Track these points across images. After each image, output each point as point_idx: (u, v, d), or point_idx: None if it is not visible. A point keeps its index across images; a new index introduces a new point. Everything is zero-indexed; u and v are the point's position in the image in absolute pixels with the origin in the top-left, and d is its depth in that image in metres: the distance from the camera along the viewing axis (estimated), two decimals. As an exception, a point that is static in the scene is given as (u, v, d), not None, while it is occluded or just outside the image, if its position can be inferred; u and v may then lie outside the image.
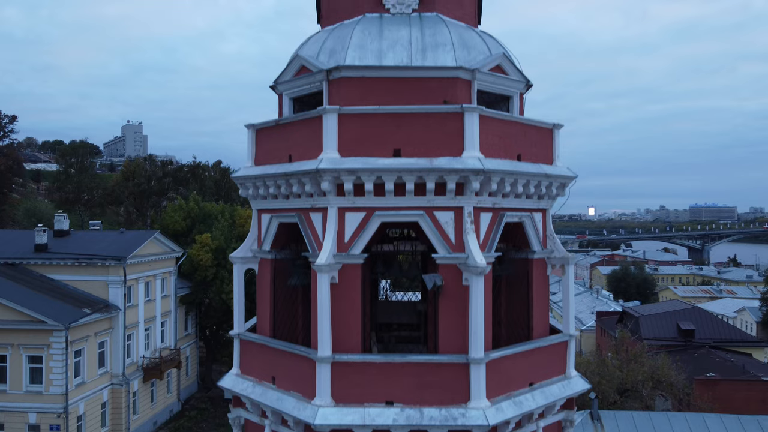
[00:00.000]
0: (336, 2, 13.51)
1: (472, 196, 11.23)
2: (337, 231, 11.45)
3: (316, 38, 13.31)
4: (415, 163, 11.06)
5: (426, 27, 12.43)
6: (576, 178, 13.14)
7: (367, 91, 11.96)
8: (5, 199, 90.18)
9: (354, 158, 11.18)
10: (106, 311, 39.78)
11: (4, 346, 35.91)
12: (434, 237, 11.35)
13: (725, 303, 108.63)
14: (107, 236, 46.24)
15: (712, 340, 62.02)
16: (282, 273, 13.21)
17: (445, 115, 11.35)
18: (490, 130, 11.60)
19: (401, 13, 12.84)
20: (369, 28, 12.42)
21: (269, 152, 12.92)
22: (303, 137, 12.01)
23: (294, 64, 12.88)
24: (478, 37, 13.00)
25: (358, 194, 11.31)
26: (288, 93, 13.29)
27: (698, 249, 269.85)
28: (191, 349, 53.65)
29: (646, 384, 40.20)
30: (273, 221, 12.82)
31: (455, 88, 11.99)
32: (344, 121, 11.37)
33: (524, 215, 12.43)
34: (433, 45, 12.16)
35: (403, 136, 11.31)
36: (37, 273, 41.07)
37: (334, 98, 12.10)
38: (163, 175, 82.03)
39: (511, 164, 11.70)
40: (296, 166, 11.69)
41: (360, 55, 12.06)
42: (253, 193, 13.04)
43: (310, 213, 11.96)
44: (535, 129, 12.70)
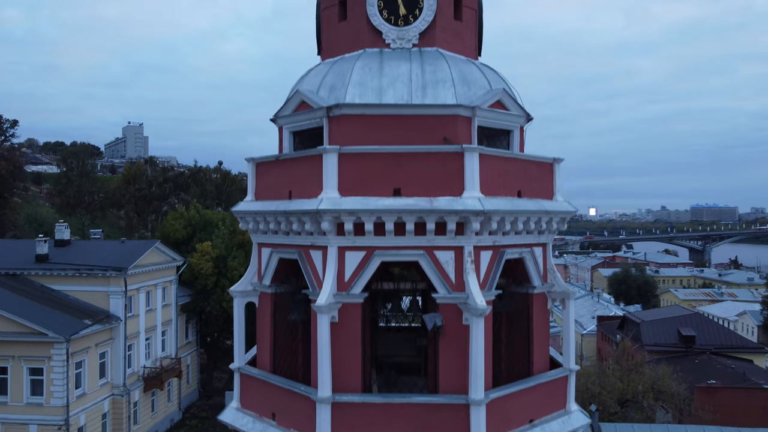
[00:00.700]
0: (336, 36, 13.50)
1: (472, 235, 11.23)
2: (337, 270, 11.46)
3: (317, 72, 13.31)
4: (415, 203, 11.06)
5: (426, 63, 12.42)
6: (576, 212, 13.13)
7: (368, 128, 11.97)
8: (6, 204, 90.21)
9: (354, 198, 11.18)
10: (106, 322, 39.80)
11: (5, 358, 35.93)
12: (434, 276, 11.36)
13: (726, 306, 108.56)
14: (108, 246, 46.31)
15: (713, 346, 61.96)
16: (282, 307, 13.22)
17: (445, 155, 11.35)
18: (490, 168, 11.59)
19: (401, 48, 12.83)
20: (369, 64, 12.41)
21: (269, 187, 12.93)
22: (303, 174, 12.01)
23: (294, 99, 12.89)
24: (479, 71, 12.99)
25: (358, 233, 11.32)
26: (288, 127, 13.30)
27: (699, 250, 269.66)
28: (192, 357, 53.69)
29: (647, 395, 40.17)
30: (273, 256, 12.82)
31: (455, 125, 11.99)
32: (344, 160, 11.38)
33: (524, 251, 12.42)
34: (434, 81, 12.15)
35: (404, 176, 11.32)
36: (37, 283, 41.11)
37: (335, 135, 12.11)
38: (164, 180, 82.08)
39: (511, 203, 11.70)
40: (296, 204, 11.69)
41: (360, 92, 12.06)
42: (254, 227, 13.05)
43: (310, 250, 11.96)
44: (535, 164, 12.70)
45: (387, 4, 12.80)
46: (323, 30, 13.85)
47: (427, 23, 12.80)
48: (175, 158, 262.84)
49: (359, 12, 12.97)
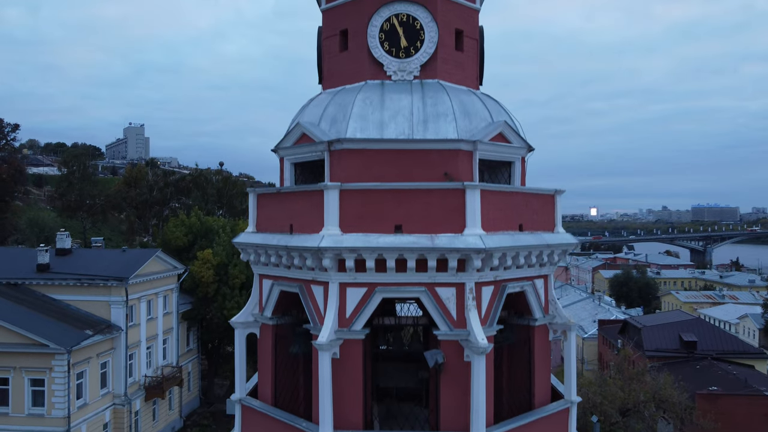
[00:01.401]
0: (337, 66, 13.48)
1: (473, 272, 11.21)
2: (338, 306, 11.44)
3: (318, 102, 13.29)
4: (417, 241, 11.05)
5: (427, 96, 12.40)
6: (578, 244, 13.11)
7: (369, 162, 11.96)
8: (8, 208, 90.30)
9: (355, 236, 11.17)
10: (108, 332, 39.83)
11: (7, 369, 35.97)
12: (436, 313, 11.34)
13: (727, 309, 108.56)
14: (109, 255, 46.30)
15: (715, 352, 61.92)
16: (283, 339, 13.20)
17: (446, 191, 11.33)
18: (491, 203, 11.58)
19: (403, 80, 12.81)
20: (371, 96, 12.38)
21: (270, 219, 12.92)
22: (304, 208, 12.00)
23: (295, 132, 12.87)
24: (480, 102, 12.97)
25: (359, 270, 11.31)
26: (289, 158, 13.28)
27: (700, 251, 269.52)
28: (193, 365, 53.72)
29: (649, 405, 40.15)
30: (275, 288, 12.80)
31: (457, 159, 11.98)
32: (346, 196, 11.36)
33: (526, 284, 12.40)
34: (435, 115, 12.13)
35: (405, 213, 11.30)
36: (39, 293, 41.14)
37: (336, 169, 12.10)
38: (165, 184, 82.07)
39: (512, 238, 11.68)
40: (297, 240, 11.67)
41: (362, 126, 12.04)
42: (254, 259, 13.03)
43: (311, 285, 11.95)
44: (536, 197, 12.68)
45: (388, 36, 12.78)
46: (324, 59, 13.83)
47: (428, 55, 12.78)
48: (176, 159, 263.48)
49: (360, 43, 12.95)
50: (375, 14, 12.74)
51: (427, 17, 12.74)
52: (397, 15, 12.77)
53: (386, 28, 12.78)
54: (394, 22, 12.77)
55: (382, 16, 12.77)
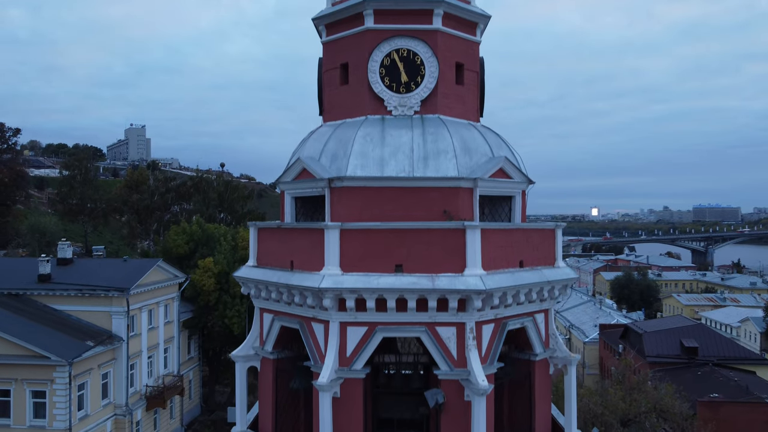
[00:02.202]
0: (338, 99, 13.48)
1: (474, 311, 11.22)
2: (339, 345, 11.46)
3: (318, 136, 13.29)
4: (417, 282, 11.06)
5: (428, 132, 12.39)
6: (578, 278, 13.10)
7: (369, 199, 11.97)
8: (9, 212, 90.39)
9: (356, 276, 11.18)
10: (109, 343, 39.83)
11: (8, 381, 35.98)
12: (436, 352, 11.35)
13: (729, 312, 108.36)
14: (110, 264, 46.32)
15: (716, 358, 61.84)
16: (284, 372, 13.21)
17: (446, 231, 11.33)
18: (492, 241, 11.58)
19: (403, 115, 12.80)
20: (371, 133, 12.38)
21: (271, 253, 12.93)
22: (305, 245, 12.01)
23: (296, 167, 12.87)
24: (480, 136, 12.97)
25: (360, 309, 11.33)
26: (290, 193, 13.29)
27: (702, 251, 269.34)
28: (194, 372, 53.74)
29: (650, 415, 40.08)
30: (275, 323, 12.82)
31: (457, 197, 11.98)
32: (346, 236, 11.38)
33: (526, 320, 12.41)
34: (435, 152, 12.13)
35: (405, 252, 11.31)
36: (40, 303, 41.14)
37: (336, 206, 12.11)
38: (166, 190, 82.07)
39: (513, 277, 11.68)
40: (298, 279, 11.68)
41: (362, 163, 12.04)
42: (255, 293, 13.05)
43: (312, 322, 11.96)
44: (536, 232, 12.67)
45: (389, 71, 12.77)
46: (325, 91, 13.83)
47: (429, 90, 12.77)
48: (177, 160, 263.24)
49: (361, 77, 12.95)
50: (375, 49, 12.73)
51: (428, 52, 12.73)
52: (397, 50, 12.77)
53: (387, 63, 12.77)
54: (395, 57, 12.77)
55: (382, 51, 12.76)
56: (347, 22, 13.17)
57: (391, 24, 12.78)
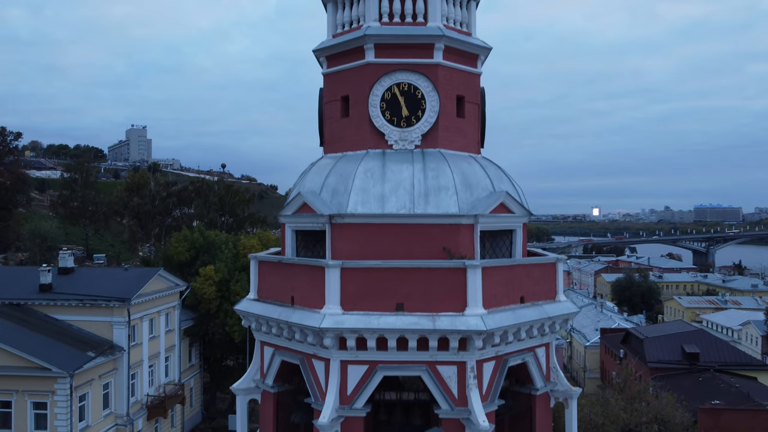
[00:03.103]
0: (339, 131, 13.46)
1: (475, 351, 11.21)
2: (339, 384, 11.45)
3: (319, 169, 13.27)
4: (418, 322, 11.05)
5: (429, 168, 12.37)
6: (579, 312, 13.08)
7: (370, 235, 11.96)
8: (10, 216, 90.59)
9: (356, 316, 11.18)
10: (110, 353, 39.87)
11: (9, 392, 36.04)
12: (437, 391, 11.34)
13: (730, 315, 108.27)
14: (112, 273, 46.36)
15: (717, 363, 61.85)
16: (285, 406, 13.21)
17: (447, 270, 11.33)
18: (492, 279, 11.57)
19: (404, 149, 12.78)
20: (372, 168, 12.35)
21: (272, 287, 12.93)
22: (305, 282, 12.01)
23: (296, 201, 12.86)
24: (481, 170, 12.95)
25: (360, 348, 11.32)
26: (291, 226, 13.29)
27: (703, 252, 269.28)
28: (195, 380, 53.79)
29: (651, 425, 40.09)
30: (276, 357, 12.81)
31: (458, 233, 11.96)
32: (347, 275, 11.37)
33: (527, 355, 12.40)
34: (436, 188, 12.11)
35: (406, 291, 11.31)
36: (41, 313, 41.19)
37: (337, 242, 12.10)
38: (167, 195, 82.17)
39: (513, 315, 11.67)
40: (298, 316, 11.68)
41: (363, 199, 12.02)
42: (256, 327, 13.04)
43: (312, 359, 11.95)
44: (537, 266, 12.67)
45: (389, 106, 12.75)
46: (325, 123, 13.81)
47: (429, 125, 12.75)
48: (178, 161, 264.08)
49: (362, 111, 12.92)
50: (376, 83, 12.71)
51: (429, 86, 12.71)
52: (398, 84, 12.75)
53: (387, 97, 12.75)
54: (396, 91, 12.74)
55: (383, 85, 12.74)
56: (348, 54, 13.16)
57: (391, 58, 12.75)
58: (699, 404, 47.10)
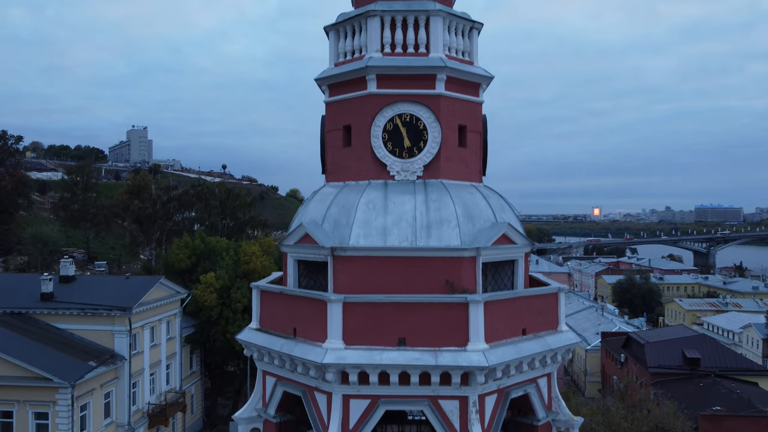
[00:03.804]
0: (341, 160, 13.46)
1: (477, 386, 11.22)
2: (341, 417, 11.46)
3: (321, 198, 13.28)
4: (420, 358, 11.06)
5: (431, 200, 12.37)
6: (579, 342, 13.09)
7: (372, 268, 11.97)
8: (11, 219, 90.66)
9: (359, 352, 11.19)
10: (111, 362, 39.88)
11: (11, 402, 36.05)
12: (439, 426, 11.35)
13: (731, 317, 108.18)
14: (113, 282, 46.37)
15: (718, 369, 61.81)
16: (287, 436, 13.22)
17: (449, 305, 11.33)
18: (494, 312, 11.58)
19: (406, 180, 12.78)
20: (374, 200, 12.35)
21: (274, 317, 12.94)
22: (308, 315, 12.02)
23: (298, 231, 12.86)
24: (483, 200, 12.95)
25: (362, 383, 11.34)
26: (293, 256, 13.28)
27: (704, 253, 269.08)
28: (196, 387, 53.82)
29: (652, 435, 40.11)
30: (278, 387, 12.82)
31: (460, 266, 11.96)
32: (349, 309, 11.39)
33: (529, 386, 12.41)
34: (438, 221, 12.11)
35: (408, 326, 11.33)
36: (43, 322, 41.19)
37: (339, 275, 12.10)
38: (168, 199, 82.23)
39: (515, 349, 11.67)
40: (300, 350, 11.69)
41: (365, 232, 12.03)
42: (258, 357, 13.05)
43: (315, 392, 11.96)
44: (539, 298, 12.67)
45: (391, 136, 12.75)
46: (327, 152, 13.82)
47: (431, 155, 12.75)
48: (179, 162, 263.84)
49: (364, 141, 12.92)
50: (378, 114, 12.71)
51: (431, 117, 12.72)
52: (400, 115, 12.75)
53: (389, 127, 12.75)
54: (398, 122, 12.75)
55: (385, 116, 12.74)
56: (350, 84, 13.16)
57: (394, 89, 12.75)
58: (700, 410, 47.14)
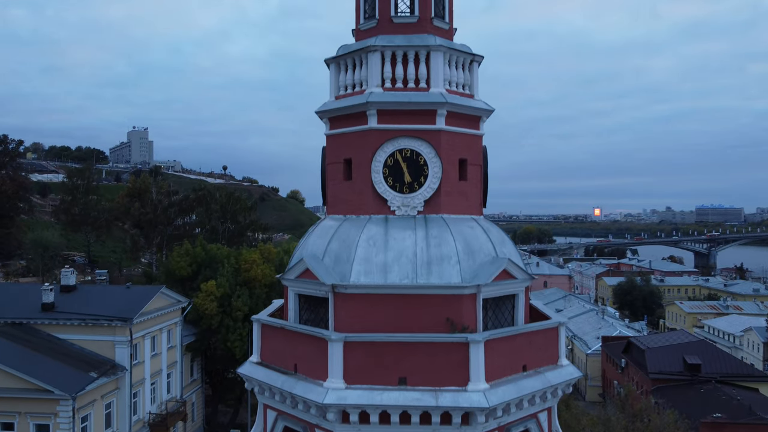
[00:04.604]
0: (342, 195, 13.48)
1: (477, 425, 11.24)
2: (342, 457, 11.48)
3: (322, 232, 13.30)
4: (420, 398, 11.08)
5: (431, 236, 12.39)
6: (581, 376, 13.10)
7: (373, 305, 11.99)
8: (12, 223, 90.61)
9: (359, 392, 11.21)
10: (112, 373, 39.91)
11: (12, 414, 36.09)
12: (440, 464, 11.36)
13: (732, 320, 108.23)
14: (113, 291, 46.35)
15: (719, 375, 61.83)
16: (288, 469, 13.22)
17: (450, 345, 11.35)
18: (495, 350, 11.61)
19: (406, 215, 12.79)
20: (374, 236, 12.37)
21: (275, 352, 12.96)
22: (308, 351, 12.04)
23: (299, 266, 12.88)
24: (483, 234, 12.97)
25: (363, 422, 11.36)
26: (294, 290, 13.29)
27: (705, 253, 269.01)
28: (197, 395, 53.84)
29: (653, 445, 40.14)
30: (279, 421, 12.84)
31: (461, 303, 11.98)
32: (350, 348, 11.42)
33: (530, 422, 12.42)
34: (438, 258, 12.13)
35: (409, 365, 11.35)
36: (44, 333, 41.20)
37: (339, 311, 12.12)
38: (168, 204, 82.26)
39: (516, 388, 11.69)
40: (301, 389, 11.71)
41: (365, 269, 12.05)
42: (259, 391, 13.07)
43: (316, 429, 11.98)
44: (539, 333, 12.69)
45: (392, 172, 12.77)
46: (328, 184, 13.84)
47: (432, 191, 12.76)
48: (179, 163, 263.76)
49: (364, 175, 12.93)
50: (379, 149, 12.73)
51: (431, 152, 12.73)
52: (401, 150, 12.76)
53: (390, 163, 12.77)
54: (398, 157, 12.76)
55: (385, 152, 12.76)
56: (350, 118, 13.17)
57: (394, 124, 12.77)
58: (701, 417, 47.24)
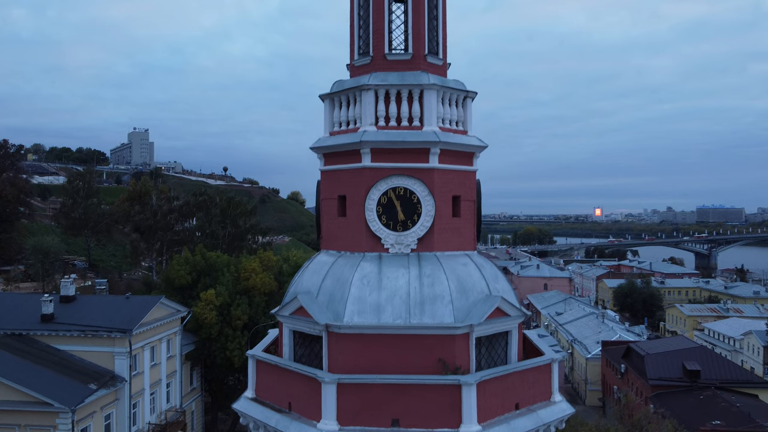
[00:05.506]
0: (336, 231, 13.56)
1: (470, 468, 11.31)
2: (336, 497, 11.55)
3: (316, 268, 13.38)
4: (413, 441, 11.16)
5: (424, 274, 12.47)
6: (572, 413, 13.18)
7: (366, 345, 12.08)
8: (12, 228, 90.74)
9: (352, 429, 11.28)
10: (111, 384, 39.97)
11: (11, 427, 36.15)
12: (432, 506, 11.44)
13: (732, 323, 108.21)
14: (113, 302, 46.37)
15: (718, 381, 61.84)
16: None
17: (442, 387, 11.42)
18: (487, 391, 11.68)
19: (400, 253, 12.86)
20: (368, 275, 12.45)
21: (269, 388, 13.05)
22: (302, 391, 12.12)
23: (293, 304, 12.96)
24: (477, 271, 13.04)
25: (357, 464, 11.43)
26: (288, 326, 13.37)
27: (705, 254, 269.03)
28: (196, 403, 53.89)
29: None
30: (273, 458, 12.91)
31: (453, 343, 12.06)
32: (343, 389, 11.49)
33: (522, 459, 12.48)
34: (431, 297, 12.20)
35: (402, 407, 11.42)
36: (43, 344, 41.27)
37: (333, 350, 12.20)
38: (169, 210, 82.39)
39: (508, 428, 11.78)
40: (295, 429, 11.79)
41: (359, 309, 12.13)
42: (254, 427, 13.14)
43: (310, 467, 12.05)
44: (532, 370, 12.75)
45: (386, 210, 12.84)
46: (323, 219, 13.92)
47: (425, 229, 12.83)
48: (180, 164, 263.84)
49: (358, 212, 13.01)
50: (373, 188, 12.80)
51: (424, 191, 12.80)
52: (394, 189, 12.84)
53: (384, 201, 12.84)
54: (392, 195, 12.83)
55: (379, 190, 12.83)
56: (345, 156, 13.25)
57: (388, 162, 12.85)
58: (700, 424, 47.29)
